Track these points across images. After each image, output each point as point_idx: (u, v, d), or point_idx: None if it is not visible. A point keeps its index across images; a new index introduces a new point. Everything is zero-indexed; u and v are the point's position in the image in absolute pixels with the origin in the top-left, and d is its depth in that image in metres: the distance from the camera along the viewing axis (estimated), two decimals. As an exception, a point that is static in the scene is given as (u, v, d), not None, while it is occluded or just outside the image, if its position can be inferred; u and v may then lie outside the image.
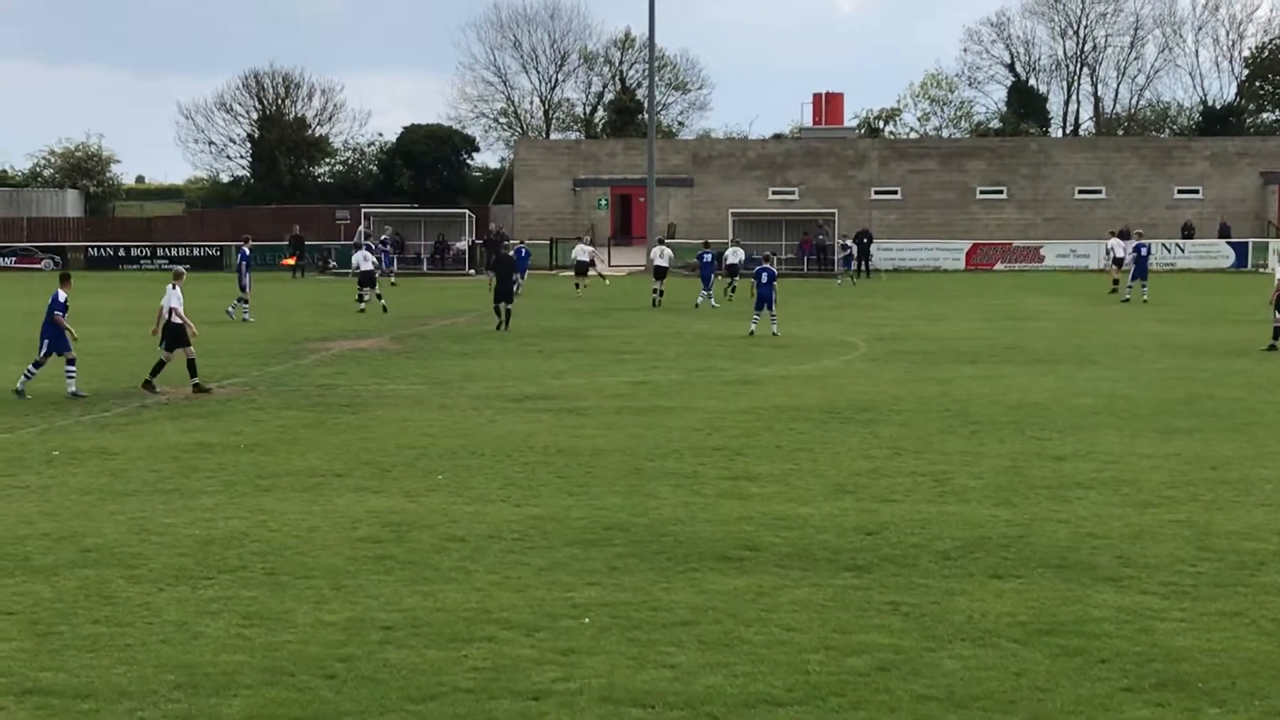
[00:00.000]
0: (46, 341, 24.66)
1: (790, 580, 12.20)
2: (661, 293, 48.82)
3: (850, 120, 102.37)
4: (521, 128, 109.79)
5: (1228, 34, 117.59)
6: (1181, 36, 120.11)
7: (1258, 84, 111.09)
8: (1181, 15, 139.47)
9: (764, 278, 36.30)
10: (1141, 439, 19.64)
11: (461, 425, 21.21)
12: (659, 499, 15.67)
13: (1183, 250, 75.62)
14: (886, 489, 16.23)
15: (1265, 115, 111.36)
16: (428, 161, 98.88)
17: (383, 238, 66.39)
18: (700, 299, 47.02)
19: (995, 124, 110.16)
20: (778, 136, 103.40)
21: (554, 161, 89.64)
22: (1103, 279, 57.54)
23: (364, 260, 45.63)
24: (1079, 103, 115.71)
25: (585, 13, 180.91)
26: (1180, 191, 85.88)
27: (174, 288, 25.47)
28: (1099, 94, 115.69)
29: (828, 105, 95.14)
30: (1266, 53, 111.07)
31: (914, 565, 12.66)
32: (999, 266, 74.08)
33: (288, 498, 15.86)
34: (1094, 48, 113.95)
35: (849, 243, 68.20)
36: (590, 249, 60.81)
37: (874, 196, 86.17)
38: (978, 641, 10.36)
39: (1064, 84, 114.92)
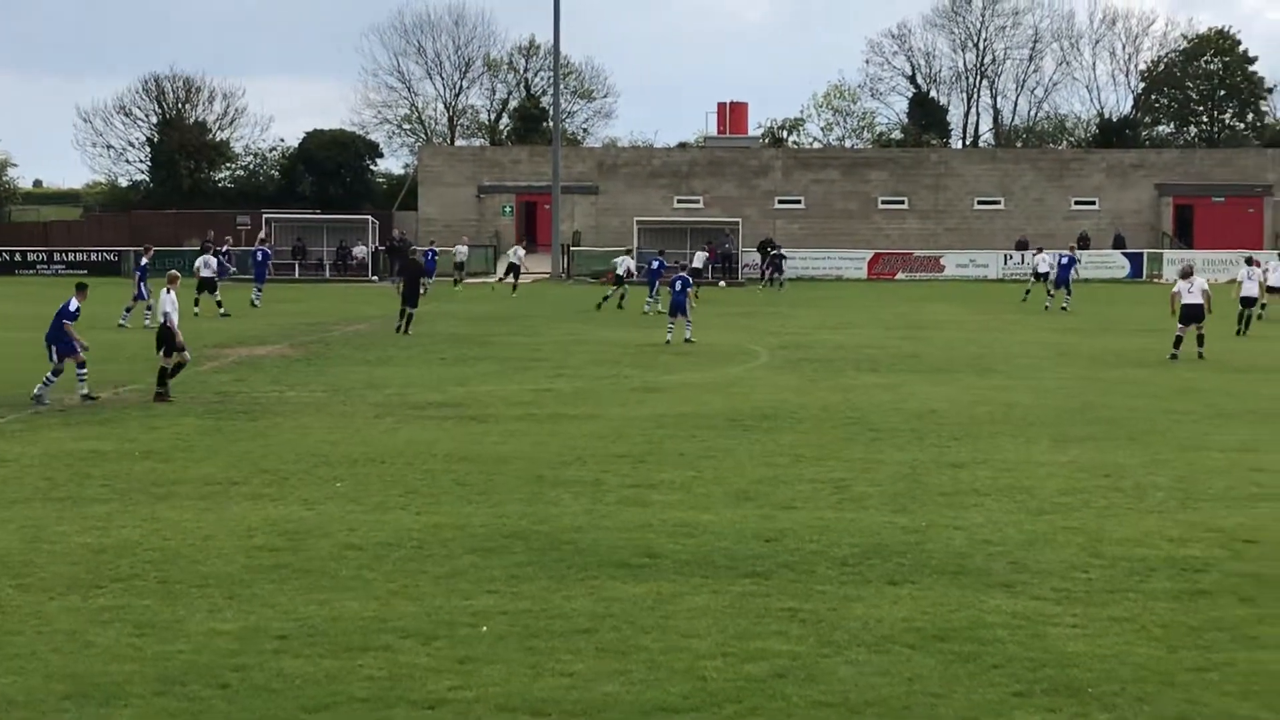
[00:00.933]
0: (54, 348, 24.42)
1: (689, 587, 12.22)
2: (623, 295, 50.42)
3: (754, 130, 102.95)
4: (426, 134, 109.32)
5: (1124, 48, 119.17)
6: (1079, 50, 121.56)
7: (1153, 97, 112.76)
8: (1079, 29, 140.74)
9: (678, 285, 36.49)
10: (1037, 447, 19.86)
11: (363, 433, 21.09)
12: (560, 506, 15.65)
13: (1079, 261, 76.53)
14: (787, 496, 16.31)
15: (1160, 128, 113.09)
16: (330, 167, 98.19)
17: (223, 248, 65.49)
18: (648, 306, 47.62)
19: (897, 135, 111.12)
20: (683, 145, 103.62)
21: (458, 168, 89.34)
22: (1003, 288, 58.15)
23: (204, 267, 45.73)
24: (979, 114, 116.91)
25: (490, 19, 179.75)
26: (1077, 203, 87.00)
27: (168, 291, 25.36)
28: (998, 106, 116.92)
29: (732, 115, 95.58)
30: (1162, 66, 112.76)
31: (812, 572, 12.73)
32: (900, 276, 74.72)
33: (183, 506, 15.69)
34: (993, 60, 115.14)
35: (783, 251, 68.58)
36: (523, 253, 61.83)
37: (778, 205, 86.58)
38: (873, 647, 10.44)
39: (964, 96, 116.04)
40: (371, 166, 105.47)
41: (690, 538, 14.09)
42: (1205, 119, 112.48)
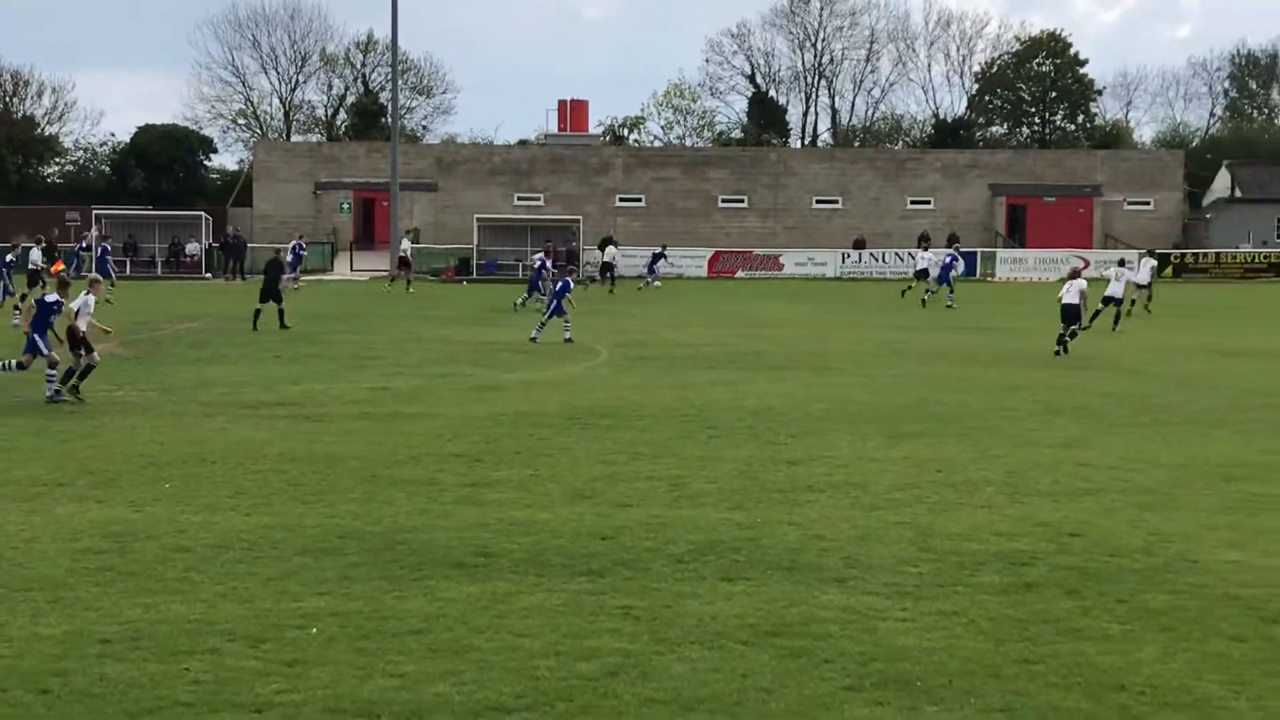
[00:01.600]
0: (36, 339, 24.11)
1: (524, 586, 12.15)
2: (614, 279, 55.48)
3: (595, 127, 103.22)
4: (261, 129, 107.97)
5: (958, 49, 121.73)
6: (915, 51, 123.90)
7: (987, 98, 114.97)
8: (915, 30, 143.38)
9: (556, 285, 36.69)
10: (871, 443, 20.08)
11: (193, 432, 20.71)
12: (394, 506, 15.49)
13: (914, 259, 77.70)
14: (623, 494, 16.29)
15: (994, 129, 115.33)
16: (163, 162, 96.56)
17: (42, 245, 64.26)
18: (520, 301, 48.13)
19: (737, 134, 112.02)
20: (523, 142, 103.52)
21: (294, 164, 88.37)
22: (841, 286, 58.83)
23: (35, 262, 45.34)
24: (817, 114, 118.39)
25: (326, 14, 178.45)
26: (913, 202, 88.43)
27: (87, 294, 24.99)
28: (836, 106, 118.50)
29: (573, 112, 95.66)
30: (995, 68, 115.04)
31: (647, 569, 12.72)
32: (740, 274, 75.34)
33: (6, 508, 15.26)
34: (831, 60, 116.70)
35: (664, 251, 68.75)
36: (410, 246, 61.82)
37: (619, 203, 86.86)
38: (706, 644, 10.45)
39: (803, 96, 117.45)
40: (205, 162, 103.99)
41: (526, 536, 14.01)
42: (1037, 120, 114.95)
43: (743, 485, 16.82)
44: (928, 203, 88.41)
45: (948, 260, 54.25)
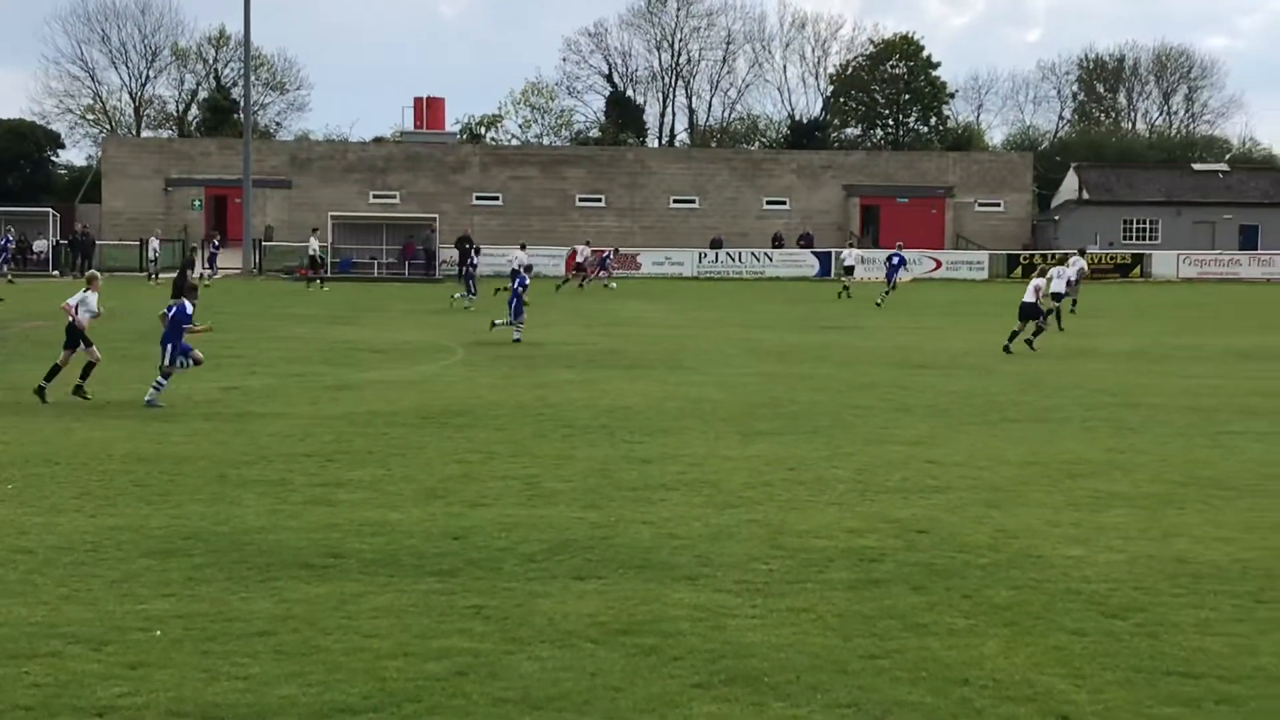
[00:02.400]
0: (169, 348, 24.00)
1: (374, 587, 12.04)
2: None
3: (452, 125, 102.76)
4: (110, 125, 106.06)
5: (813, 51, 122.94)
6: (770, 53, 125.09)
7: (842, 100, 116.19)
8: (770, 32, 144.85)
9: (516, 284, 36.66)
10: (725, 441, 20.19)
11: (38, 432, 20.28)
12: (243, 507, 15.28)
13: (770, 259, 78.38)
14: (477, 493, 16.22)
15: (849, 130, 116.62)
16: (8, 158, 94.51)
17: None
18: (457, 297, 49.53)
19: (594, 133, 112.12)
20: (379, 140, 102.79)
21: (145, 160, 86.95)
22: (698, 286, 59.08)
23: None
24: (674, 114, 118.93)
25: (178, 8, 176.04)
26: (769, 202, 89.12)
27: (87, 290, 24.73)
28: (693, 106, 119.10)
29: (429, 110, 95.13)
30: (850, 70, 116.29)
31: (499, 569, 12.67)
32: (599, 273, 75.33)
33: None
34: (688, 61, 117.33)
35: (586, 248, 68.23)
36: (318, 245, 61.57)
37: (475, 202, 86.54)
38: (557, 643, 10.43)
39: (660, 95, 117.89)
40: (53, 158, 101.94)
41: (377, 536, 13.90)
42: (891, 122, 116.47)
43: (597, 484, 16.83)
44: (784, 203, 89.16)
45: (895, 261, 55.21)
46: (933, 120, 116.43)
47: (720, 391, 26.07)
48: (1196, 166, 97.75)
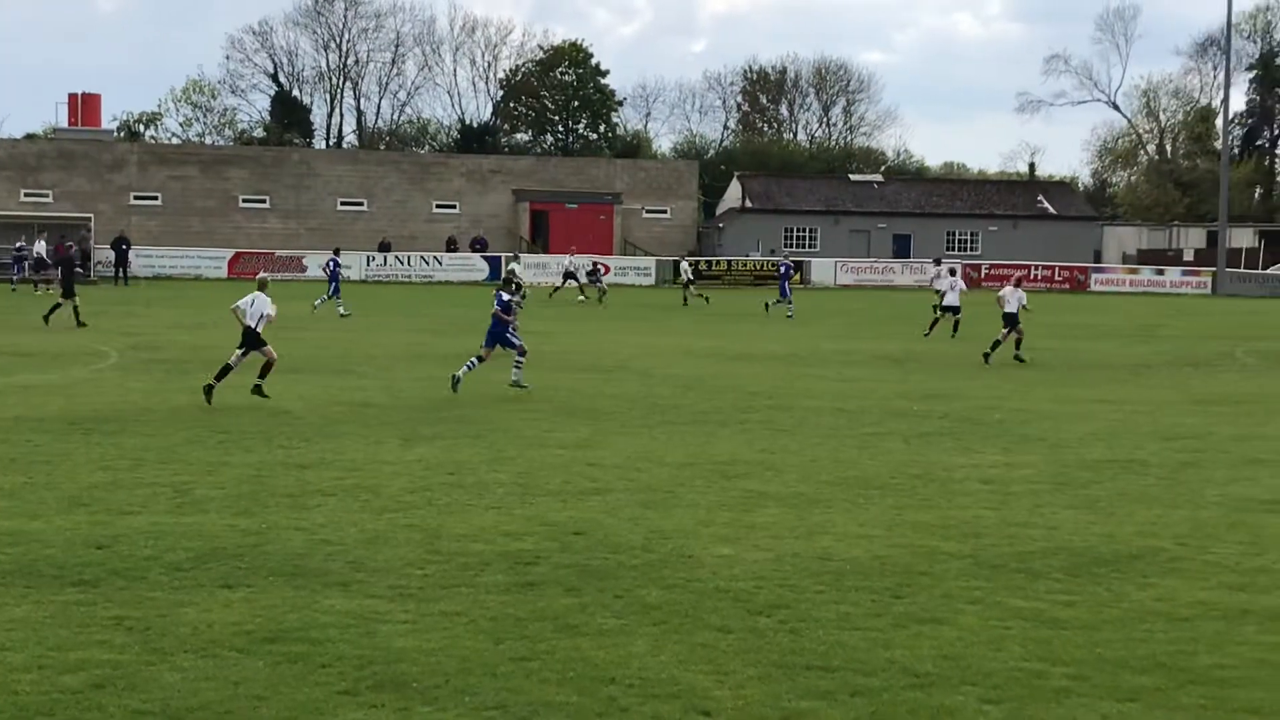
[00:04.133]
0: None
1: (11, 598, 11.56)
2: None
3: (109, 123, 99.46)
4: None
5: (483, 55, 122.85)
6: (440, 56, 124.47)
7: (511, 105, 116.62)
8: (440, 35, 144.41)
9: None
10: (386, 446, 20.03)
11: None
12: None
13: (440, 263, 78.17)
14: (124, 501, 15.73)
15: (519, 135, 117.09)
16: None
17: None
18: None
19: (259, 133, 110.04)
20: (30, 136, 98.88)
21: None
22: (365, 289, 58.46)
23: None
24: (342, 116, 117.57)
25: None
26: (439, 206, 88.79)
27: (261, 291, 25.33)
28: (362, 108, 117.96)
29: (84, 106, 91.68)
30: (519, 75, 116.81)
31: (144, 578, 12.31)
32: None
33: None
34: (357, 62, 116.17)
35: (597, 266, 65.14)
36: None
37: (134, 202, 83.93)
38: (201, 653, 10.18)
39: (328, 96, 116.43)
40: None
41: (15, 546, 13.35)
42: (561, 128, 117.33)
43: (250, 490, 16.50)
44: (453, 207, 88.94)
45: (783, 269, 55.19)
46: (602, 127, 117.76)
47: (384, 395, 25.87)
48: (854, 177, 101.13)
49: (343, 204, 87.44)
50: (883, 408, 25.65)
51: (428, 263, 78.15)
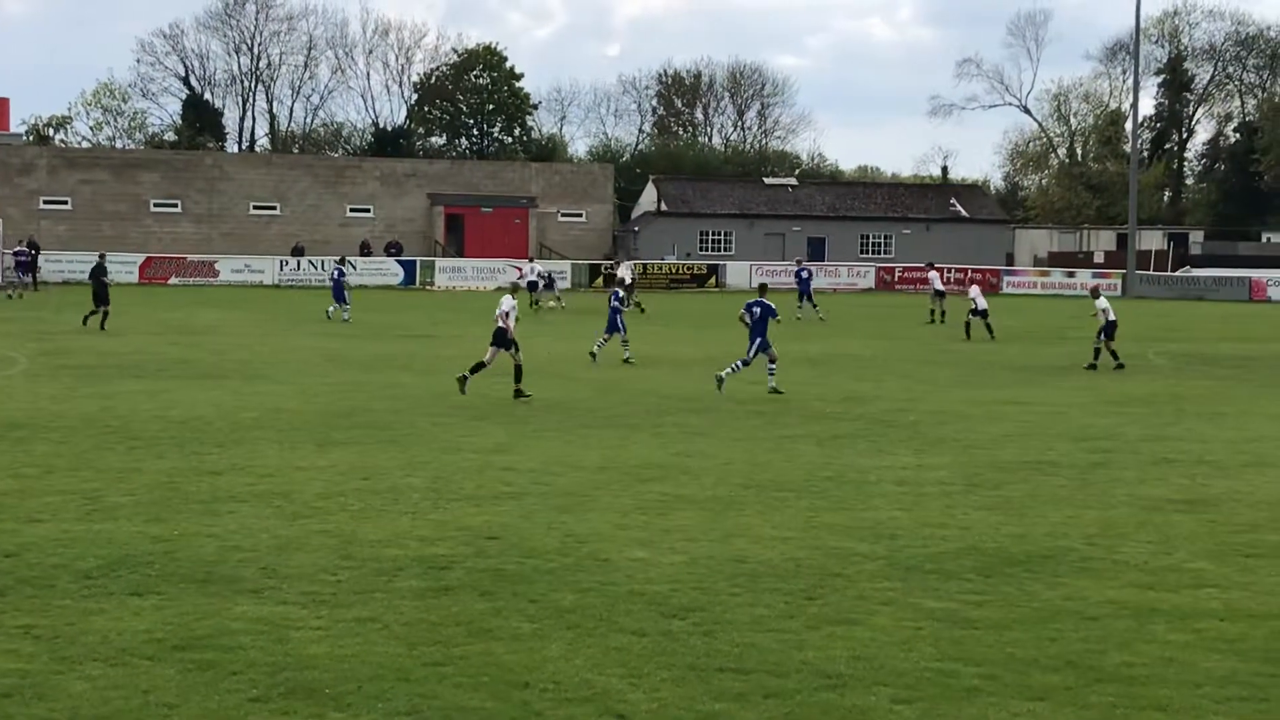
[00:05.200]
0: (757, 340, 28.58)
1: (-85, 609, 11.40)
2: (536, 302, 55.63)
3: (18, 126, 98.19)
4: None
5: (397, 59, 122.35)
6: (353, 59, 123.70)
7: (426, 108, 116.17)
8: (353, 39, 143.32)
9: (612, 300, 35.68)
10: (300, 451, 19.91)
11: None
12: None
13: (354, 268, 77.70)
14: (33, 509, 15.54)
15: (434, 139, 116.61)
16: None
17: None
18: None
19: (171, 136, 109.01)
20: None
21: None
22: (279, 294, 57.94)
23: None
24: (255, 119, 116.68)
25: None
26: (353, 210, 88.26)
27: (511, 296, 27.61)
28: (274, 112, 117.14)
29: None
30: (434, 79, 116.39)
31: (52, 586, 12.17)
32: (174, 280, 73.28)
33: None
34: (269, 65, 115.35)
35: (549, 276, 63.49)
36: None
37: (43, 206, 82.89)
38: (110, 661, 10.08)
39: (240, 100, 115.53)
40: None
41: (-80, 556, 13.16)
42: (476, 132, 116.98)
43: (163, 497, 16.36)
44: (367, 211, 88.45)
45: (805, 275, 55.07)
46: (517, 131, 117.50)
47: (298, 401, 25.70)
48: (768, 180, 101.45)
49: (255, 208, 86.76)
50: (797, 410, 25.77)
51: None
